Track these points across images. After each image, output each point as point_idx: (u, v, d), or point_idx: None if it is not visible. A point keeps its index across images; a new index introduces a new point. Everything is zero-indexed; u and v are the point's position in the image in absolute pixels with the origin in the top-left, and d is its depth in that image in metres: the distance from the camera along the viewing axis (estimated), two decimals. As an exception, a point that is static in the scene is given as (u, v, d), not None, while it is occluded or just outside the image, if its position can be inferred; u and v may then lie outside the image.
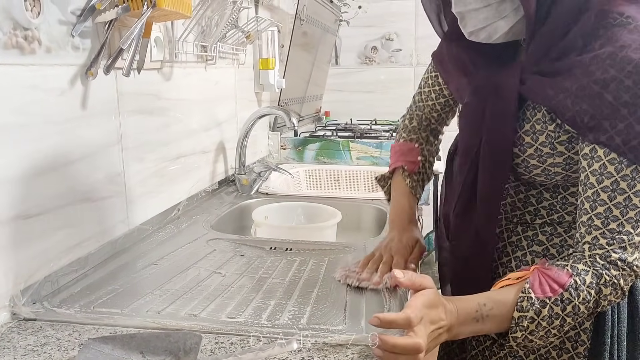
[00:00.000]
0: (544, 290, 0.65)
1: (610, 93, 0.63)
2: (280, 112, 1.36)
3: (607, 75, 0.63)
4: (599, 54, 0.64)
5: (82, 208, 0.90)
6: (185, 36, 1.19)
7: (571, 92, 0.66)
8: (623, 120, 0.62)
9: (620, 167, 0.64)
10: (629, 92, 0.61)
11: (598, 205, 0.66)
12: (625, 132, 0.62)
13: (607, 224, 0.65)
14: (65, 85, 0.85)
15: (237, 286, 0.86)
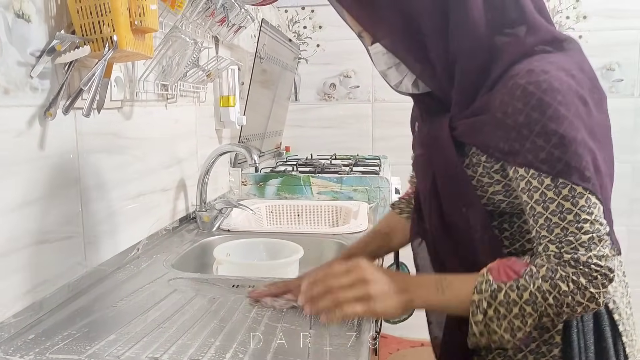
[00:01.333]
0: (500, 275, 0.69)
1: (510, 118, 0.70)
2: (241, 149, 1.37)
3: (504, 103, 0.71)
4: (499, 87, 0.73)
5: (38, 250, 0.88)
6: (146, 76, 1.20)
7: (487, 124, 0.73)
8: (526, 139, 0.69)
9: (541, 180, 0.69)
10: (522, 113, 0.69)
11: (538, 218, 0.71)
12: (532, 149, 0.69)
13: (552, 231, 0.69)
14: (22, 126, 0.84)
15: (200, 327, 0.85)
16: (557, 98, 0.68)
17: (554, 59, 0.73)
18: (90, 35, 0.91)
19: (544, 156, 0.68)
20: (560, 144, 0.68)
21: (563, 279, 0.67)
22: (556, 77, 0.69)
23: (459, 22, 0.75)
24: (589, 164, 0.69)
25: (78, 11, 0.90)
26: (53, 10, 0.90)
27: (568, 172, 0.68)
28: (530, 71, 0.70)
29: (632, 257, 2.72)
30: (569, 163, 0.68)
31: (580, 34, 2.62)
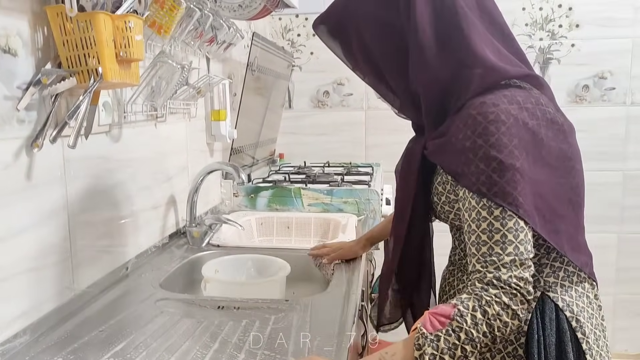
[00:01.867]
0: (434, 325, 0.72)
1: (460, 142, 0.78)
2: (229, 168, 1.39)
3: (457, 129, 0.79)
4: (457, 117, 0.81)
5: (27, 278, 0.91)
6: (134, 99, 1.22)
7: (446, 147, 0.82)
8: (471, 162, 0.77)
9: (478, 200, 0.76)
10: (469, 139, 0.77)
11: (471, 235, 0.77)
12: (475, 172, 0.76)
13: (479, 250, 0.75)
14: (9, 158, 0.86)
15: (182, 353, 0.88)
16: (501, 129, 0.75)
17: (509, 93, 0.80)
18: (76, 68, 0.93)
19: (483, 179, 0.75)
20: (499, 169, 0.75)
21: (489, 303, 0.72)
22: (504, 110, 0.76)
23: (415, 59, 0.84)
24: (525, 191, 0.75)
25: (64, 44, 0.92)
26: (40, 43, 0.92)
27: (503, 195, 0.74)
28: (482, 103, 0.78)
29: (623, 264, 2.76)
30: (505, 187, 0.74)
31: (573, 42, 2.64)
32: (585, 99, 2.68)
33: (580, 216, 0.88)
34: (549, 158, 0.79)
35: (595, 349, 0.85)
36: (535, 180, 0.77)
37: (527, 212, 0.75)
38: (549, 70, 2.67)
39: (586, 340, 0.83)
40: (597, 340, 0.86)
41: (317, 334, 0.95)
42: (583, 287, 0.88)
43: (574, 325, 0.83)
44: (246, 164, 2.21)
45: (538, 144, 0.78)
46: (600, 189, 2.72)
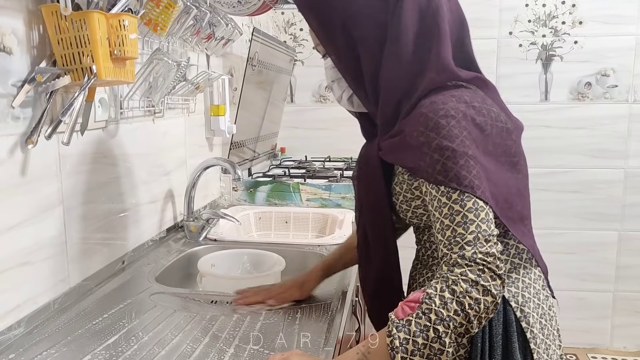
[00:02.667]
0: (405, 311, 0.73)
1: (414, 139, 0.81)
2: (225, 164, 1.40)
3: (411, 128, 0.82)
4: (410, 116, 0.84)
5: (21, 271, 0.93)
6: (131, 95, 1.23)
7: (401, 146, 0.84)
8: (426, 155, 0.80)
9: (437, 189, 0.79)
10: (422, 135, 0.80)
11: (436, 224, 0.79)
12: (431, 163, 0.79)
13: (444, 235, 0.77)
14: (4, 155, 0.88)
15: (173, 346, 0.89)
16: (451, 122, 0.79)
17: (457, 93, 0.83)
18: (71, 66, 0.94)
19: (439, 168, 0.79)
20: (453, 156, 0.78)
21: (455, 282, 0.73)
22: (453, 107, 0.81)
23: (391, 55, 0.85)
24: (479, 175, 0.78)
25: (59, 42, 0.93)
26: (35, 41, 0.94)
27: (458, 179, 0.77)
28: (432, 102, 0.82)
29: (624, 261, 2.76)
30: (460, 172, 0.77)
31: (576, 39, 2.62)
32: (588, 96, 2.67)
33: (527, 209, 0.92)
34: (495, 153, 0.83)
35: (540, 337, 0.87)
36: (487, 168, 0.80)
37: (484, 193, 0.78)
38: (551, 67, 2.66)
39: (530, 330, 0.85)
40: (542, 329, 0.88)
41: (307, 329, 0.97)
42: (530, 278, 0.90)
43: (518, 315, 0.85)
44: (247, 157, 2.23)
45: (485, 139, 0.82)
46: (601, 187, 2.72)
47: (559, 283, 2.81)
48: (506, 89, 2.69)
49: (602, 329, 2.83)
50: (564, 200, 2.74)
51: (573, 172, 2.72)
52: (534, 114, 2.70)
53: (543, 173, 2.73)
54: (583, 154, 2.71)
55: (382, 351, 0.73)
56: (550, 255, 3.05)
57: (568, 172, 2.72)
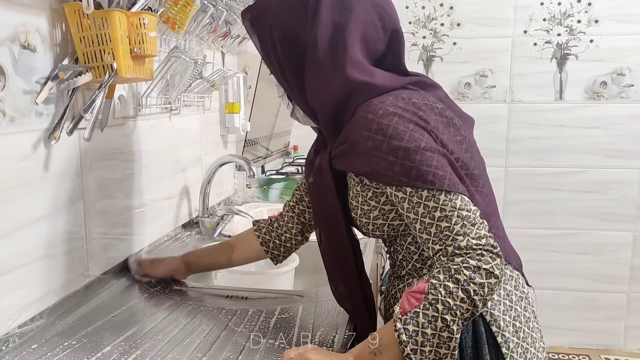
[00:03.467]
0: (411, 303, 0.73)
1: (362, 145, 0.80)
2: (240, 161, 1.42)
3: (355, 133, 0.81)
4: (350, 122, 0.83)
5: (43, 264, 0.95)
6: (149, 92, 1.25)
7: (349, 154, 0.83)
8: (380, 159, 0.79)
9: (404, 191, 0.78)
10: (369, 139, 0.79)
11: (415, 225, 0.78)
12: (388, 166, 0.78)
13: (430, 233, 0.77)
14: (28, 150, 0.90)
15: (190, 340, 0.91)
16: (394, 119, 0.79)
17: (394, 93, 0.83)
18: (92, 63, 0.96)
19: (398, 169, 0.78)
20: (407, 155, 0.77)
21: (458, 271, 0.73)
22: (391, 104, 0.80)
23: (311, 70, 0.85)
24: (440, 163, 0.78)
25: (81, 40, 0.95)
26: (58, 39, 0.96)
27: (422, 177, 0.77)
28: (369, 103, 0.81)
29: (638, 262, 2.74)
30: (420, 168, 0.77)
31: (592, 38, 2.60)
32: (603, 95, 2.65)
33: (491, 206, 0.90)
34: (448, 144, 0.82)
35: (514, 340, 0.85)
36: (439, 151, 0.79)
37: (451, 182, 0.77)
38: (566, 66, 2.65)
39: (501, 334, 0.84)
40: (516, 332, 0.86)
41: (321, 324, 0.98)
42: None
43: (488, 320, 0.84)
44: (260, 155, 2.25)
45: (432, 131, 0.81)
46: (616, 187, 2.70)
47: (572, 283, 2.82)
48: (520, 88, 2.68)
49: (616, 330, 2.81)
50: (578, 200, 2.73)
51: (587, 172, 2.71)
52: (549, 113, 2.69)
53: (557, 173, 2.72)
54: (598, 153, 2.69)
55: (392, 344, 0.73)
56: (563, 256, 3.04)
57: (582, 172, 2.71)
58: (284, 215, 1.12)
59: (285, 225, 1.11)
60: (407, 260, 0.91)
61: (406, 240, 0.90)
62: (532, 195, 2.72)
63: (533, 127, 2.70)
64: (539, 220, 2.74)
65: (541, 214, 2.74)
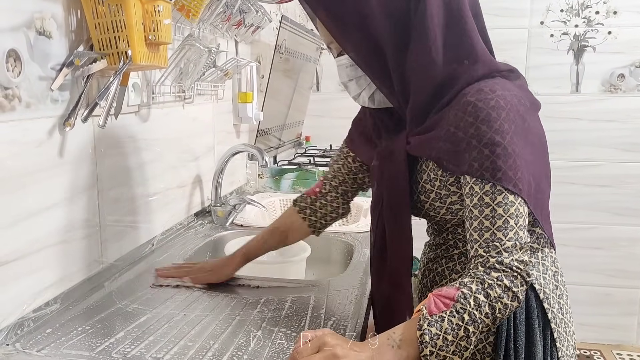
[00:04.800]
0: (439, 307, 0.74)
1: (461, 130, 0.80)
2: (253, 150, 1.42)
3: (457, 118, 0.80)
4: (452, 105, 0.82)
5: (57, 250, 0.96)
6: (163, 80, 1.25)
7: (439, 139, 0.82)
8: (474, 149, 0.78)
9: (482, 186, 0.78)
10: (472, 126, 0.79)
11: (474, 222, 0.79)
12: (479, 158, 0.78)
13: (482, 236, 0.77)
14: (43, 136, 0.91)
15: (201, 327, 0.91)
16: (502, 115, 0.78)
17: (499, 81, 0.82)
18: (107, 50, 0.96)
19: (487, 164, 0.78)
20: (503, 155, 0.77)
21: (491, 286, 0.74)
22: (502, 96, 0.79)
23: (418, 52, 0.84)
24: (524, 176, 0.78)
25: (96, 27, 0.95)
26: (73, 25, 0.96)
27: (506, 180, 0.77)
28: (479, 90, 0.79)
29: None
30: (507, 172, 0.77)
31: (610, 30, 2.56)
32: (620, 88, 2.61)
33: (549, 189, 0.92)
34: (532, 139, 0.83)
35: (559, 317, 0.90)
36: (527, 161, 0.80)
37: (527, 197, 0.78)
38: (583, 58, 2.61)
39: (551, 310, 0.89)
40: (561, 309, 0.92)
41: (332, 314, 0.98)
42: (548, 260, 0.93)
43: (541, 297, 0.88)
44: (272, 145, 2.24)
45: (526, 129, 0.81)
46: (631, 181, 2.66)
47: (586, 278, 2.79)
48: (536, 80, 2.65)
49: (629, 325, 2.78)
50: (594, 194, 2.70)
51: (603, 166, 2.67)
52: (564, 105, 2.65)
53: (572, 166, 2.69)
54: (614, 147, 2.65)
55: (412, 342, 0.73)
56: (577, 250, 3.01)
57: (598, 165, 2.67)
58: (326, 195, 1.12)
59: (330, 205, 1.12)
60: (464, 242, 0.92)
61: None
62: (546, 189, 2.69)
63: (548, 119, 2.65)
64: (552, 214, 2.70)
65: (555, 208, 2.69)
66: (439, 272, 0.97)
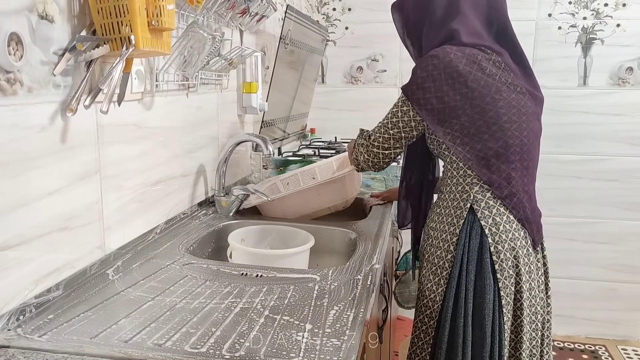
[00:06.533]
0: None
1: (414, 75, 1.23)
2: (257, 140, 1.41)
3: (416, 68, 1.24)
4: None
5: (60, 236, 0.95)
6: (167, 68, 1.24)
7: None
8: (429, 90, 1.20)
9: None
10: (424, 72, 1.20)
11: None
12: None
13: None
14: (45, 121, 0.90)
15: (204, 314, 0.91)
16: (434, 61, 1.22)
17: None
18: (110, 35, 0.95)
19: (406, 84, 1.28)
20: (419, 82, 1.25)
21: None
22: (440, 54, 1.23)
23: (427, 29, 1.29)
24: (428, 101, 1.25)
25: (99, 11, 0.95)
26: (75, 10, 0.95)
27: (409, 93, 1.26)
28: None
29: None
30: (413, 90, 1.26)
31: (619, 22, 2.53)
32: (629, 81, 2.58)
33: (488, 130, 1.20)
34: (462, 88, 1.19)
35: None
36: (443, 93, 1.21)
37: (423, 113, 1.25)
38: (591, 51, 2.58)
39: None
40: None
41: (335, 304, 0.97)
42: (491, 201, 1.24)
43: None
44: (277, 137, 2.23)
45: (454, 78, 1.20)
46: (638, 176, 2.64)
47: (591, 273, 2.78)
48: (543, 73, 2.62)
49: (634, 320, 2.76)
50: (600, 189, 2.67)
51: (610, 160, 2.65)
52: (572, 99, 2.63)
53: (579, 160, 2.66)
54: (622, 141, 2.63)
55: None
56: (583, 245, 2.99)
57: (605, 159, 2.65)
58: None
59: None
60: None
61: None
62: (552, 183, 2.67)
63: (555, 113, 2.65)
64: (558, 208, 2.69)
65: (561, 202, 2.70)
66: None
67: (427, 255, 1.31)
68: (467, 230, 1.22)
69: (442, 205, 1.29)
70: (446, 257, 1.25)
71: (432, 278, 1.28)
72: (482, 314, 1.21)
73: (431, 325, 1.29)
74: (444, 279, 1.25)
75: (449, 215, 1.26)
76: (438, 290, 1.26)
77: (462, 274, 1.22)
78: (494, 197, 1.22)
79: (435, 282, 1.27)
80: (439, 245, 1.27)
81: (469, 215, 1.22)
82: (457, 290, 1.23)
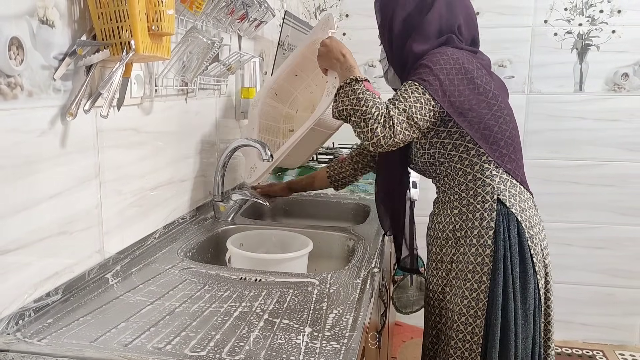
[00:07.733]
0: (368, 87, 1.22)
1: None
2: (256, 144, 1.41)
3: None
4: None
5: (59, 240, 0.95)
6: (166, 73, 1.25)
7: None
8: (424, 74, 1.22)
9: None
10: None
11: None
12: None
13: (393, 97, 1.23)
14: (45, 125, 0.90)
15: (203, 318, 0.91)
16: (443, 57, 1.25)
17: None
18: (110, 40, 0.96)
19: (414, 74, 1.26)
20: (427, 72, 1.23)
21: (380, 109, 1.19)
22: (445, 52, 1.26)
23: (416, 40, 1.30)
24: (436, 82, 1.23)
25: (99, 16, 0.95)
26: (76, 15, 0.96)
27: (420, 79, 1.23)
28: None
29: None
30: (423, 76, 1.24)
31: (614, 29, 2.55)
32: (624, 87, 2.59)
33: (489, 111, 1.27)
34: (459, 76, 1.24)
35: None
36: (450, 81, 1.23)
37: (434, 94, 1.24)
38: (587, 57, 2.60)
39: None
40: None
41: (335, 307, 0.97)
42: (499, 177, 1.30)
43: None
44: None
45: (459, 70, 1.23)
46: (635, 181, 2.65)
47: (589, 278, 2.78)
48: (539, 79, 2.64)
49: (632, 326, 2.77)
50: (597, 194, 2.68)
51: (607, 165, 2.66)
52: (568, 105, 2.64)
53: (576, 166, 2.68)
54: (618, 146, 2.64)
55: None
56: (581, 250, 3.00)
57: (601, 165, 2.66)
58: (346, 162, 1.62)
59: (347, 171, 1.62)
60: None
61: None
62: (549, 188, 2.69)
63: (552, 118, 2.66)
64: (556, 213, 2.70)
65: (558, 207, 2.71)
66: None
67: (458, 255, 1.30)
68: (502, 221, 1.25)
69: (462, 204, 1.30)
70: (485, 252, 1.25)
71: (472, 277, 1.27)
72: (526, 304, 1.24)
73: (477, 324, 1.27)
74: (486, 275, 1.25)
75: (476, 210, 1.27)
76: (481, 287, 1.25)
77: (507, 266, 1.23)
78: (514, 185, 1.27)
79: (476, 281, 1.26)
80: (472, 242, 1.27)
81: (498, 206, 1.25)
82: (504, 285, 1.23)
